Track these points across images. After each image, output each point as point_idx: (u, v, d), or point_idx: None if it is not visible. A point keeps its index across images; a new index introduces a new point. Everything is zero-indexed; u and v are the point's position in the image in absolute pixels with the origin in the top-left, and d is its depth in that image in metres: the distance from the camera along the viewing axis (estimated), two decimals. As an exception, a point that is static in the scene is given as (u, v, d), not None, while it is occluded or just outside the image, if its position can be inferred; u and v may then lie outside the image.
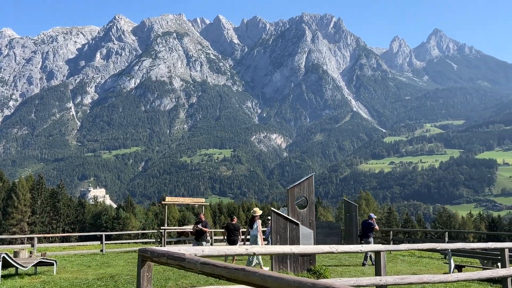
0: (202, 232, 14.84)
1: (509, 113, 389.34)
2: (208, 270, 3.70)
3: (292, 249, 5.38)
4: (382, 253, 6.78)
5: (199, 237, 14.83)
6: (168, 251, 4.36)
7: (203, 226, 14.92)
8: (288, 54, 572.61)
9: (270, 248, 5.19)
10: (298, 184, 9.04)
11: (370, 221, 15.40)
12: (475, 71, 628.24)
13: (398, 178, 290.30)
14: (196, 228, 14.85)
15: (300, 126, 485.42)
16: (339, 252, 5.97)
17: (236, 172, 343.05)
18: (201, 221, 15.11)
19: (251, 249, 4.92)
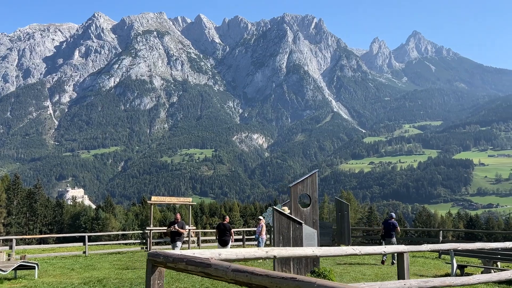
0: (178, 233, 13.80)
1: (484, 114, 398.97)
2: (244, 279, 3.16)
3: (314, 251, 4.99)
4: (405, 254, 6.44)
5: (174, 239, 13.72)
6: (187, 255, 3.89)
7: (180, 227, 13.84)
8: (269, 54, 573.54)
9: (292, 251, 4.71)
10: (301, 181, 8.61)
11: (394, 221, 15.18)
12: (453, 73, 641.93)
13: (378, 178, 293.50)
14: (172, 229, 13.69)
15: (282, 126, 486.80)
16: (363, 254, 5.68)
17: (217, 172, 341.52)
18: (176, 222, 13.96)
19: (272, 252, 4.48)
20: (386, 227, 15.25)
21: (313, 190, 8.79)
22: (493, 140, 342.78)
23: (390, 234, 14.87)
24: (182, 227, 13.89)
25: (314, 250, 5.00)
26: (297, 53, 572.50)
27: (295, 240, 7.99)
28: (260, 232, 14.52)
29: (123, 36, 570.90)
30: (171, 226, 13.84)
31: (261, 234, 14.49)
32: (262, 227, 14.54)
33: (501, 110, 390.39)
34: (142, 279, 10.11)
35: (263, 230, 14.58)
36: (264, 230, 14.63)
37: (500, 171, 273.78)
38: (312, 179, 8.84)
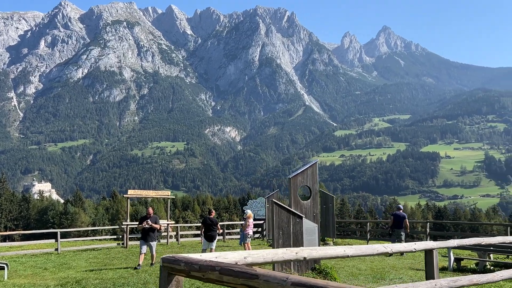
0: (152, 230, 12.16)
1: (450, 108, 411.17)
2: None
3: (345, 250, 4.51)
4: (434, 251, 6.05)
5: (148, 236, 12.05)
6: (219, 262, 3.13)
7: (153, 222, 12.19)
8: (242, 47, 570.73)
9: (322, 251, 4.20)
10: (301, 172, 8.07)
11: (403, 213, 15.59)
12: (421, 68, 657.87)
13: (348, 170, 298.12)
14: (145, 225, 11.91)
15: (254, 120, 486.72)
16: (394, 252, 5.30)
17: (189, 166, 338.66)
18: (149, 216, 12.23)
19: (301, 253, 3.92)
20: (396, 218, 15.48)
21: (313, 182, 8.29)
22: (458, 133, 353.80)
23: (400, 225, 15.19)
24: (155, 223, 12.26)
25: (346, 249, 4.52)
26: (270, 46, 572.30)
27: (295, 235, 7.47)
28: (246, 226, 13.91)
29: (91, 26, 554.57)
30: (143, 222, 12.10)
31: (245, 229, 13.89)
32: (247, 221, 13.93)
33: (466, 105, 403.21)
34: (125, 279, 9.38)
35: (250, 225, 13.98)
36: (251, 225, 14.02)
37: (465, 164, 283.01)
38: (313, 170, 8.32)
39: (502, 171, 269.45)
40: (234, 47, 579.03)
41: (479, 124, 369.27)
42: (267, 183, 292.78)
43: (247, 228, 13.83)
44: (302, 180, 8.05)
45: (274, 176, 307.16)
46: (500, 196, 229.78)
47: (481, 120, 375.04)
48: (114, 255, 16.26)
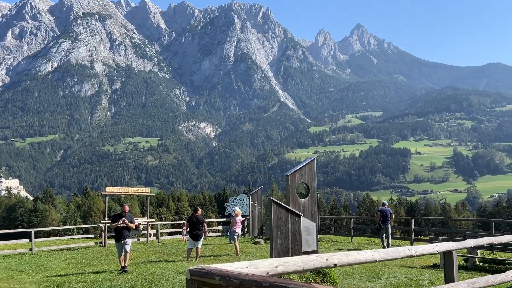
0: (127, 229, 10.96)
1: (421, 106, 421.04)
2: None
3: (373, 255, 4.33)
4: (454, 253, 5.75)
5: (123, 236, 10.76)
6: (265, 277, 2.73)
7: (129, 221, 11.06)
8: (217, 42, 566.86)
9: (352, 256, 4.07)
10: (299, 169, 7.82)
11: (389, 208, 16.35)
12: (393, 66, 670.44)
13: (322, 166, 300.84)
14: (121, 223, 10.71)
15: (229, 115, 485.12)
16: (418, 255, 5.14)
17: (163, 161, 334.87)
18: (124, 214, 11.02)
19: (332, 260, 3.79)
20: (383, 214, 16.11)
21: (311, 179, 8.05)
22: (428, 130, 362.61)
23: (387, 219, 15.87)
24: (131, 221, 11.13)
25: (374, 254, 4.34)
26: (245, 42, 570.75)
27: (293, 235, 7.23)
28: (234, 224, 13.55)
29: (61, 18, 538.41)
30: (118, 220, 10.90)
31: (233, 227, 13.54)
32: (235, 219, 13.58)
33: (436, 102, 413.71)
34: (111, 281, 8.92)
35: (238, 223, 13.64)
36: (239, 222, 13.68)
37: (435, 160, 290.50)
38: (311, 166, 8.08)
39: (469, 167, 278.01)
40: (209, 42, 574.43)
41: (448, 121, 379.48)
42: (242, 179, 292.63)
43: (234, 226, 13.48)
44: (300, 177, 7.81)
45: (249, 172, 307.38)
46: (467, 191, 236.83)
47: (450, 117, 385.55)
48: (93, 255, 15.64)
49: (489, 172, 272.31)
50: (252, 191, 20.80)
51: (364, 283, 7.95)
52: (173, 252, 15.29)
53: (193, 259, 12.44)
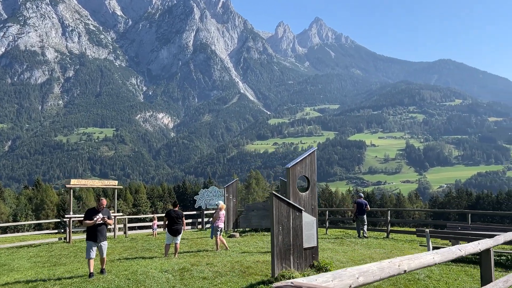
0: (105, 227, 9.50)
1: (376, 99, 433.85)
2: None
3: (434, 258, 4.18)
4: (491, 250, 5.37)
5: (98, 234, 9.18)
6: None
7: (107, 217, 9.49)
8: (175, 31, 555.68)
9: (418, 260, 3.93)
10: (300, 161, 7.49)
11: (364, 200, 16.81)
12: (350, 60, 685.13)
13: (281, 158, 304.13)
14: (99, 220, 9.13)
15: (188, 106, 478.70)
16: (467, 254, 4.90)
17: (119, 153, 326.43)
18: (100, 210, 9.35)
19: (402, 266, 3.64)
20: (359, 205, 16.45)
21: (312, 172, 7.75)
22: (383, 123, 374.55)
23: (363, 211, 16.27)
24: (109, 218, 9.53)
25: (434, 257, 4.16)
26: (204, 31, 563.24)
27: (295, 230, 6.92)
28: (218, 219, 13.05)
29: (8, 0, 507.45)
30: (93, 216, 9.21)
31: (216, 221, 13.05)
32: (218, 213, 13.09)
33: (390, 96, 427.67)
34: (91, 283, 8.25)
35: (221, 218, 13.15)
36: (222, 217, 13.20)
37: (388, 152, 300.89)
38: (311, 158, 7.77)
39: (420, 158, 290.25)
40: (167, 30, 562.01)
41: (401, 115, 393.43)
42: (201, 171, 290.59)
43: (217, 221, 13.01)
44: (300, 169, 7.49)
45: (209, 164, 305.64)
46: (418, 182, 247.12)
47: (403, 111, 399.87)
48: (59, 252, 14.67)
49: (438, 163, 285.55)
50: (228, 184, 20.39)
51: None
52: (147, 247, 14.62)
53: (171, 255, 11.91)
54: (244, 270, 8.73)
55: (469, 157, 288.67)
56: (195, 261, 10.16)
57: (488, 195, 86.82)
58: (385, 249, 12.37)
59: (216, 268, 9.08)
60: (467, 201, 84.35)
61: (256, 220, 17.89)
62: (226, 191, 19.44)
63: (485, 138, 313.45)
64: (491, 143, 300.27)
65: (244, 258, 10.67)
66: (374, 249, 12.38)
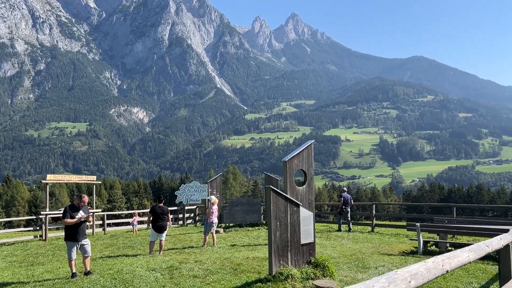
0: (85, 224, 8.82)
1: (351, 95, 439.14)
2: None
3: (469, 256, 4.09)
4: (510, 246, 5.12)
5: (80, 233, 8.55)
6: None
7: (86, 213, 8.85)
8: (150, 24, 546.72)
9: (456, 259, 3.80)
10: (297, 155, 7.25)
11: (348, 194, 17.13)
12: (325, 56, 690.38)
13: (258, 152, 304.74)
14: (83, 218, 8.53)
15: (164, 101, 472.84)
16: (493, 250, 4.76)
17: (92, 148, 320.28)
18: (81, 207, 8.75)
19: (445, 266, 3.54)
20: (345, 199, 16.70)
21: (309, 165, 7.52)
22: (357, 118, 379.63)
23: (348, 204, 16.65)
24: (88, 214, 8.85)
25: (469, 255, 4.07)
26: (180, 25, 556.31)
27: (292, 226, 6.68)
28: (211, 214, 12.70)
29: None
30: (73, 214, 8.51)
31: (210, 217, 12.70)
32: (211, 208, 12.74)
33: (364, 92, 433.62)
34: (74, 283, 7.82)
35: (214, 213, 12.81)
36: (215, 212, 12.86)
37: (363, 147, 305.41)
38: (308, 151, 7.54)
39: (394, 153, 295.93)
40: (142, 24, 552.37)
41: (375, 110, 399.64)
42: (177, 166, 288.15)
43: (211, 216, 12.66)
44: (297, 163, 7.26)
45: (185, 159, 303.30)
46: (391, 176, 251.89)
47: (377, 106, 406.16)
48: (36, 250, 14.03)
49: (411, 158, 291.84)
50: (211, 178, 20.03)
51: (357, 274, 7.67)
52: (129, 245, 14.15)
53: (156, 252, 11.53)
54: (235, 267, 8.48)
55: (440, 152, 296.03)
56: (182, 259, 9.85)
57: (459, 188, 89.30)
58: (373, 243, 12.32)
59: (206, 265, 8.79)
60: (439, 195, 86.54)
61: (240, 215, 17.66)
62: (210, 186, 19.11)
63: (455, 134, 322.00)
64: (461, 138, 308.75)
65: (232, 254, 10.41)
66: (361, 243, 12.33)
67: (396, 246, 11.52)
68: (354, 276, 7.46)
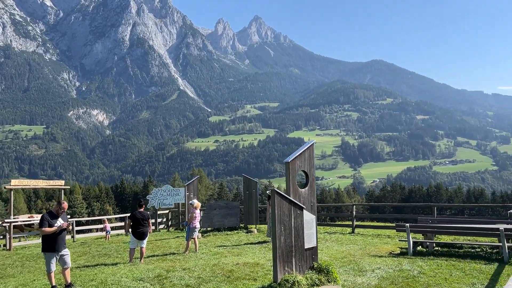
0: (64, 232, 8.04)
1: (314, 98, 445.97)
2: None
3: None
4: None
5: (60, 242, 7.81)
6: None
7: (65, 221, 8.09)
8: (111, 25, 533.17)
9: None
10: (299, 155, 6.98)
11: None
12: (288, 59, 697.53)
13: (222, 155, 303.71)
14: (63, 226, 7.81)
15: (125, 103, 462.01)
16: None
17: (49, 151, 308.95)
18: (60, 214, 8.03)
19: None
20: None
21: (310, 166, 7.27)
22: (320, 121, 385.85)
23: None
24: (67, 222, 8.14)
25: None
26: (142, 26, 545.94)
27: (296, 230, 6.43)
28: (194, 219, 12.16)
29: None
30: (52, 222, 7.76)
31: (193, 221, 12.15)
32: (194, 213, 12.22)
33: (326, 95, 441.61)
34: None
35: (197, 217, 12.28)
36: (198, 216, 12.33)
37: (325, 148, 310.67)
38: (310, 152, 7.29)
39: (355, 155, 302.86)
40: (101, 24, 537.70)
41: (337, 113, 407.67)
42: (139, 170, 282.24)
43: (194, 221, 12.13)
44: (300, 164, 6.99)
45: (147, 162, 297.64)
46: (353, 177, 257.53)
47: (338, 109, 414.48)
48: (1, 261, 13.04)
49: (372, 159, 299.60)
50: (188, 182, 19.46)
51: (355, 277, 7.51)
52: (104, 252, 13.41)
53: (136, 260, 10.96)
54: (228, 274, 8.13)
55: (400, 153, 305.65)
56: (168, 266, 9.37)
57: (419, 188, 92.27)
58: (358, 244, 12.27)
59: (196, 273, 8.38)
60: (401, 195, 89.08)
61: (219, 219, 17.24)
62: (187, 189, 18.56)
63: (413, 135, 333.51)
64: (418, 140, 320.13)
65: (219, 260, 10.04)
66: (347, 245, 12.24)
67: (382, 247, 11.52)
68: (354, 280, 7.30)
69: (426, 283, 6.98)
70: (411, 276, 7.53)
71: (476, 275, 7.61)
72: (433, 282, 7.12)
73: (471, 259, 9.04)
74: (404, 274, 7.65)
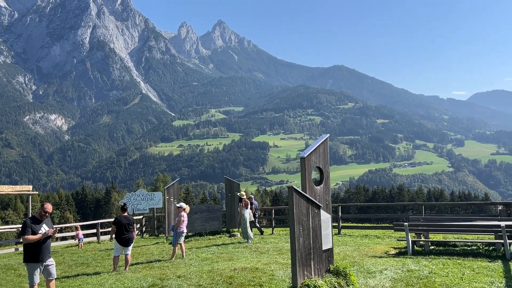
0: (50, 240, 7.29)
1: (278, 102, 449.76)
2: None
3: None
4: None
5: (44, 251, 7.04)
6: None
7: (50, 227, 7.23)
8: (69, 27, 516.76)
9: None
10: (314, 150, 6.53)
11: (255, 201, 17.02)
12: (252, 63, 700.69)
13: (187, 160, 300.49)
14: (49, 232, 6.99)
15: (85, 107, 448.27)
16: None
17: (4, 158, 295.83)
18: (44, 218, 7.15)
19: None
20: (255, 206, 17.06)
21: (325, 162, 6.81)
22: (284, 125, 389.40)
23: (257, 210, 17.11)
24: (53, 228, 7.26)
25: None
26: (102, 28, 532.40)
27: (314, 230, 6.14)
28: (182, 223, 11.50)
29: None
30: (36, 229, 6.98)
31: (181, 225, 11.49)
32: (182, 216, 11.57)
33: (290, 99, 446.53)
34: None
35: (185, 221, 11.63)
36: (186, 220, 11.68)
37: (290, 152, 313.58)
38: (324, 147, 6.85)
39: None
40: (60, 26, 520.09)
41: (300, 117, 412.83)
42: (100, 176, 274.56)
43: (182, 225, 11.47)
44: (315, 159, 6.60)
45: (108, 168, 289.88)
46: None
47: (302, 113, 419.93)
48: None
49: (334, 162, 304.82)
50: (168, 185, 18.69)
51: (366, 280, 7.20)
52: (80, 262, 12.49)
53: (120, 268, 10.22)
54: (229, 281, 7.62)
55: (361, 156, 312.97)
56: (160, 274, 8.74)
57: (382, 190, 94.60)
58: (351, 245, 12.05)
59: (194, 280, 7.82)
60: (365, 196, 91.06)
61: (200, 223, 16.60)
62: (167, 192, 17.79)
63: (374, 139, 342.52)
64: (379, 143, 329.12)
65: (212, 266, 9.49)
66: (339, 246, 11.97)
67: (375, 247, 11.34)
68: (366, 282, 6.99)
69: (444, 283, 6.76)
70: (423, 276, 7.32)
71: (487, 273, 7.49)
72: (450, 282, 6.92)
73: (473, 257, 8.97)
74: (415, 275, 7.43)
